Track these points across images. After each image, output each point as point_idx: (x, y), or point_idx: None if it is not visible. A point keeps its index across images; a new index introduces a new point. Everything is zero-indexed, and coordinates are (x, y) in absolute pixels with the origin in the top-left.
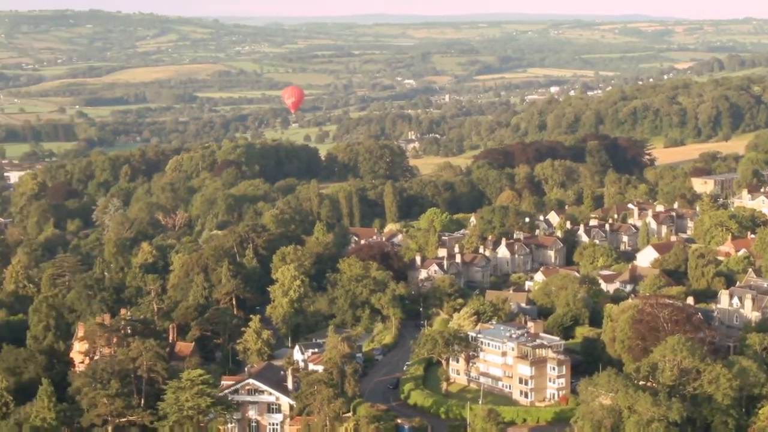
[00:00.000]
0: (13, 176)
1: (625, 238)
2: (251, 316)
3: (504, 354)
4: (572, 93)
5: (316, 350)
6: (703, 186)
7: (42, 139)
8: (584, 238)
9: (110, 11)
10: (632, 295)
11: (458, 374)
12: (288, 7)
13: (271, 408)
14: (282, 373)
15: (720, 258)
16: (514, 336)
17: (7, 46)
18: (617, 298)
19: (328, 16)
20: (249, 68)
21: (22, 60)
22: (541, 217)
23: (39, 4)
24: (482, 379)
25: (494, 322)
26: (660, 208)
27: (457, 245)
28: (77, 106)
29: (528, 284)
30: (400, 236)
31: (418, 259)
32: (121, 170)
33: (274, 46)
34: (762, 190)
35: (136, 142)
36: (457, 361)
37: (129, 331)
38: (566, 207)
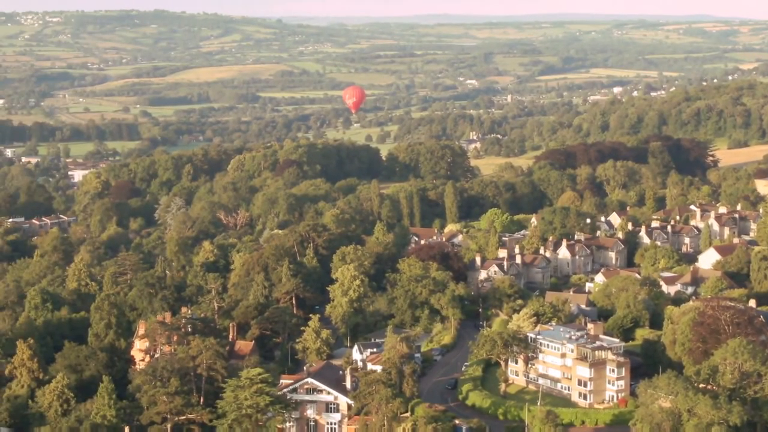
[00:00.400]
0: (78, 175)
1: (687, 240)
2: (311, 315)
3: (563, 355)
4: (635, 94)
5: (375, 350)
6: (766, 188)
7: (106, 138)
8: (645, 240)
9: (175, 11)
10: (693, 298)
11: (517, 375)
12: (351, 7)
13: (330, 407)
14: (341, 372)
15: None
16: (573, 338)
17: (73, 46)
18: (678, 300)
19: (391, 16)
20: (312, 68)
21: (87, 60)
22: (603, 219)
23: (105, 4)
24: (541, 381)
25: (554, 324)
26: (723, 209)
27: (517, 246)
28: (141, 106)
29: (588, 286)
30: (460, 237)
31: (478, 259)
32: (184, 169)
33: (337, 46)
34: None
35: (198, 141)
36: (516, 363)
37: (189, 330)
38: (628, 208)
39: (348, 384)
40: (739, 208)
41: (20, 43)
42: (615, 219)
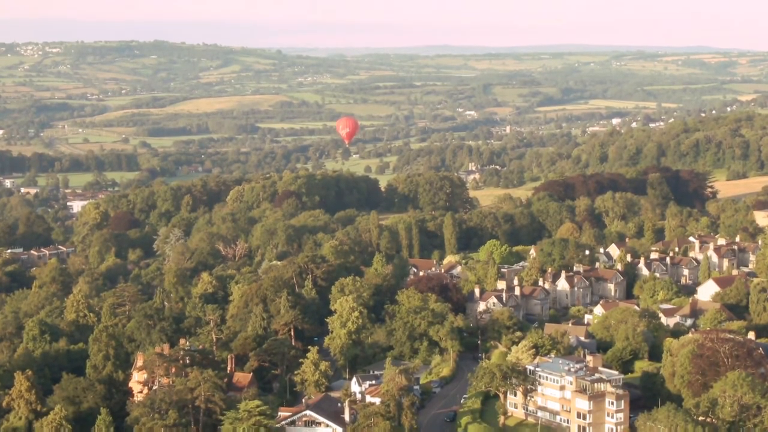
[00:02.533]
0: (77, 205)
1: (686, 272)
2: (309, 347)
3: (562, 388)
4: (634, 125)
5: (374, 382)
6: (765, 219)
7: (105, 168)
8: (645, 272)
9: (174, 42)
10: (692, 330)
11: (516, 408)
12: (350, 38)
13: None
14: (339, 404)
15: None
16: (572, 370)
17: (72, 77)
18: (677, 332)
19: (390, 47)
20: (311, 99)
21: (87, 90)
22: (602, 250)
23: (105, 35)
24: (540, 413)
25: (553, 356)
26: (721, 241)
27: (516, 278)
28: (140, 137)
29: (587, 317)
30: (459, 268)
31: (477, 291)
32: (183, 200)
33: (336, 77)
34: None
35: (197, 172)
36: (515, 395)
37: (188, 361)
38: (627, 240)
39: (347, 416)
40: (738, 239)
41: (20, 74)
42: (614, 250)
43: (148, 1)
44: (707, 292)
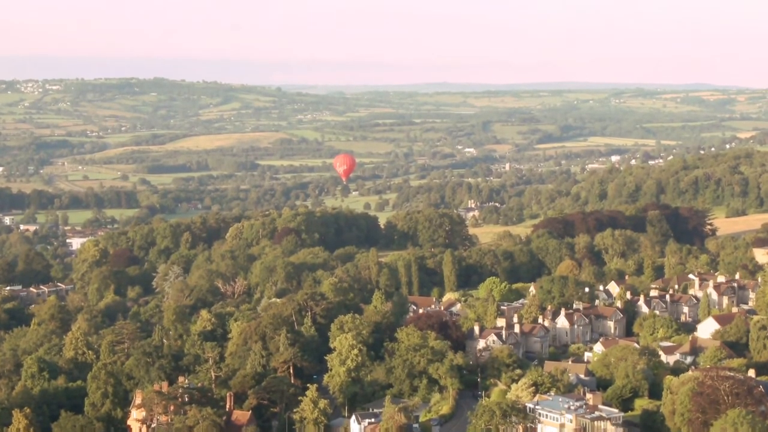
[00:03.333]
0: (76, 243)
1: (685, 309)
2: (308, 384)
3: (562, 426)
4: (633, 162)
5: (373, 420)
6: (765, 256)
7: (105, 206)
8: (644, 309)
9: (174, 79)
10: (692, 367)
11: None
12: (350, 75)
13: None
14: None
15: None
16: (572, 408)
17: (72, 114)
18: (677, 370)
19: (390, 84)
20: (310, 136)
21: (87, 127)
22: (601, 287)
23: (105, 72)
24: None
25: (552, 394)
26: (721, 278)
27: (516, 315)
28: (139, 174)
29: (587, 355)
30: (458, 305)
31: (476, 328)
32: (182, 237)
33: (335, 115)
34: None
35: (197, 209)
36: None
37: (186, 399)
38: (626, 277)
39: None
40: (737, 277)
41: (20, 111)
42: (613, 288)
43: (148, 38)
44: (707, 329)
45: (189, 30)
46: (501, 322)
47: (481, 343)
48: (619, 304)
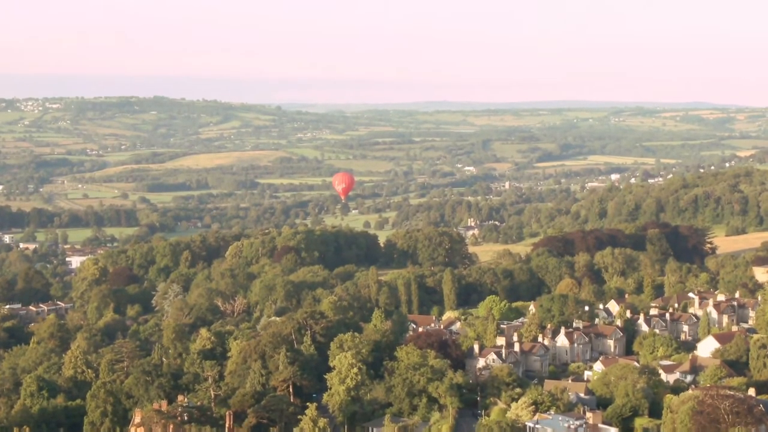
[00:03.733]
0: (75, 261)
1: (685, 328)
2: (308, 403)
3: None
4: (633, 180)
5: None
6: (765, 275)
7: (104, 224)
8: (644, 328)
9: (174, 98)
10: (692, 386)
11: None
12: (350, 94)
13: None
14: None
15: None
16: (572, 427)
17: (72, 132)
18: (677, 388)
19: (390, 103)
20: (310, 155)
21: (86, 146)
22: (601, 306)
23: (105, 91)
24: None
25: (552, 413)
26: (721, 297)
27: (515, 334)
28: (139, 192)
29: (587, 374)
30: (458, 324)
31: (476, 347)
32: (182, 256)
33: (335, 133)
34: None
35: (197, 227)
36: None
37: (186, 418)
38: (626, 296)
39: None
40: (737, 295)
41: (20, 129)
42: (613, 306)
43: (148, 57)
44: (707, 348)
45: (189, 49)
46: (501, 341)
47: (481, 362)
48: (619, 322)
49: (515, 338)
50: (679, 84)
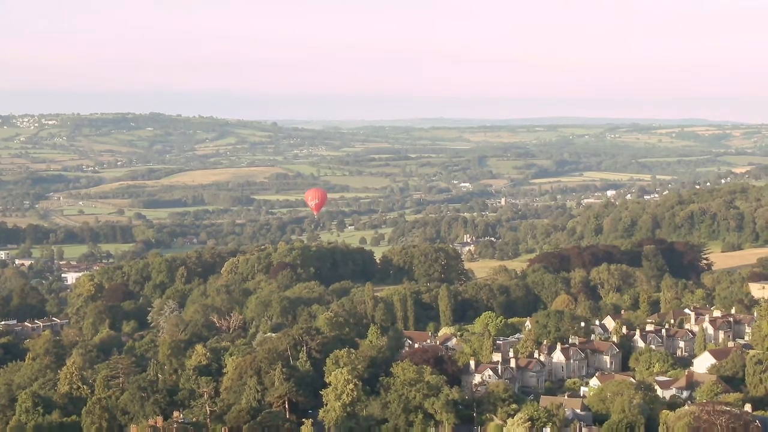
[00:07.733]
0: (71, 277)
1: (681, 344)
2: (304, 419)
3: None
4: (629, 197)
5: None
6: (760, 291)
7: (100, 240)
8: (640, 344)
9: (170, 114)
10: (689, 402)
11: None
12: (346, 110)
13: None
14: None
15: None
16: None
17: (68, 149)
18: (673, 404)
19: (386, 119)
20: (306, 171)
21: (82, 162)
22: (597, 322)
23: (101, 107)
24: None
25: (548, 429)
26: (717, 313)
27: (511, 350)
28: (135, 208)
29: (583, 390)
30: (454, 340)
31: (472, 363)
32: (177, 272)
33: (331, 150)
34: None
35: (192, 244)
36: None
37: None
38: (622, 312)
39: None
40: (733, 311)
41: (16, 146)
42: (609, 322)
43: (143, 73)
44: (703, 364)
45: (185, 65)
46: (497, 357)
47: (477, 378)
48: (615, 338)
49: (511, 354)
50: (675, 101)
